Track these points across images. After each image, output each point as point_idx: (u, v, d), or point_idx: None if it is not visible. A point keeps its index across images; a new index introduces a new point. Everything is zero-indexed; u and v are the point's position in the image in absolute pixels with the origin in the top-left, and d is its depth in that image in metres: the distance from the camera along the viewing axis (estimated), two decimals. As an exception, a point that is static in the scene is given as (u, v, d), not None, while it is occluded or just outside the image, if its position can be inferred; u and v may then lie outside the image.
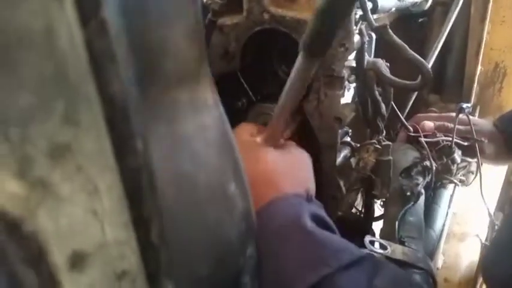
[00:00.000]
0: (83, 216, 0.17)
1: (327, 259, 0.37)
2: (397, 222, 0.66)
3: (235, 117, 0.65)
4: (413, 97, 0.83)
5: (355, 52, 0.57)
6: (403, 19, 0.85)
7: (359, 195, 0.76)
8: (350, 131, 0.69)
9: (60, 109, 0.15)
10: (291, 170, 0.49)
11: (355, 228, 0.78)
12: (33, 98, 0.15)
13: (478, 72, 0.83)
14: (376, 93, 0.58)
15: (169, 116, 0.27)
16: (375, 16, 0.68)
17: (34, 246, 0.15)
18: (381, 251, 0.60)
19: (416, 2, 0.81)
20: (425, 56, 0.83)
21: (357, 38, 0.55)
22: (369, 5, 0.57)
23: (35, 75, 0.15)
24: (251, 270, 0.37)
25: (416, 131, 0.70)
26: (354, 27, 0.53)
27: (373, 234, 0.76)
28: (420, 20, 0.91)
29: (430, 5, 0.83)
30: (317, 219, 0.42)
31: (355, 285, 0.36)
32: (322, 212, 0.45)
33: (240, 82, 0.63)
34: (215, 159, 0.31)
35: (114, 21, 0.15)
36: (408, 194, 0.67)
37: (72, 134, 0.16)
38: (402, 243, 0.64)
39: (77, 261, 0.17)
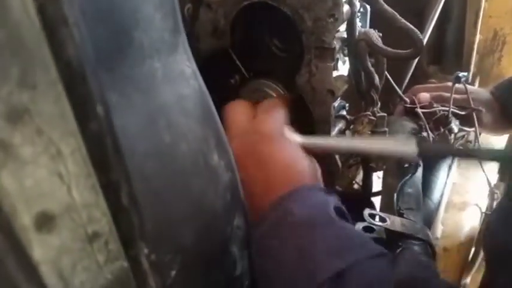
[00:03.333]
0: (47, 178, 0.17)
1: (353, 249, 0.39)
2: (395, 194, 0.67)
3: (229, 94, 0.66)
4: (412, 69, 0.82)
5: (346, 23, 0.57)
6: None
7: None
8: (347, 105, 0.69)
9: (16, 73, 0.16)
10: (314, 168, 0.51)
11: (355, 203, 0.79)
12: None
13: (477, 41, 0.81)
14: (369, 64, 0.58)
15: (144, 87, 0.28)
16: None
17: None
18: (380, 223, 0.61)
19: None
20: (423, 26, 0.82)
21: (346, 7, 0.54)
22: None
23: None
24: (239, 241, 0.38)
25: (412, 102, 0.70)
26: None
27: (373, 208, 0.77)
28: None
29: (428, -26, 0.81)
30: (338, 211, 0.44)
31: (379, 271, 0.37)
32: (340, 204, 0.46)
33: (231, 59, 0.63)
34: (195, 130, 0.32)
35: (63, -15, 0.16)
36: (406, 165, 0.67)
37: (30, 97, 0.16)
38: (401, 214, 0.64)
39: (45, 222, 0.18)
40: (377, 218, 0.61)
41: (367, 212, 0.60)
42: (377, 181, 0.79)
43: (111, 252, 0.21)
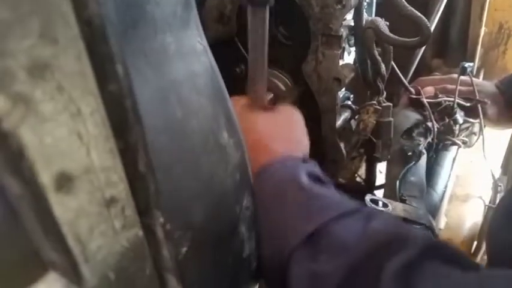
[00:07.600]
0: (67, 137, 0.17)
1: (322, 210, 0.37)
2: (397, 181, 0.66)
3: (234, 83, 0.65)
4: (416, 61, 0.81)
5: (353, 11, 0.57)
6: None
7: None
8: (352, 96, 0.69)
9: (37, 25, 0.16)
10: (283, 131, 0.47)
11: (358, 196, 0.79)
12: (8, 13, 0.15)
13: (482, 34, 0.81)
14: (376, 52, 0.58)
15: (156, 61, 0.28)
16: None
17: (19, 160, 0.16)
18: (382, 208, 0.60)
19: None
20: (428, 19, 0.82)
21: (354, -5, 0.54)
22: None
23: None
24: (247, 221, 0.38)
25: (418, 92, 0.70)
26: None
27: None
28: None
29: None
30: (313, 177, 0.42)
31: (350, 231, 0.35)
32: (317, 170, 0.44)
33: (237, 48, 0.63)
34: (206, 107, 0.31)
35: None
36: (409, 153, 0.67)
37: (51, 51, 0.16)
38: (403, 201, 0.64)
39: (64, 182, 0.18)
40: (379, 204, 0.61)
41: (368, 197, 0.60)
42: (379, 175, 0.79)
43: (128, 218, 0.21)
